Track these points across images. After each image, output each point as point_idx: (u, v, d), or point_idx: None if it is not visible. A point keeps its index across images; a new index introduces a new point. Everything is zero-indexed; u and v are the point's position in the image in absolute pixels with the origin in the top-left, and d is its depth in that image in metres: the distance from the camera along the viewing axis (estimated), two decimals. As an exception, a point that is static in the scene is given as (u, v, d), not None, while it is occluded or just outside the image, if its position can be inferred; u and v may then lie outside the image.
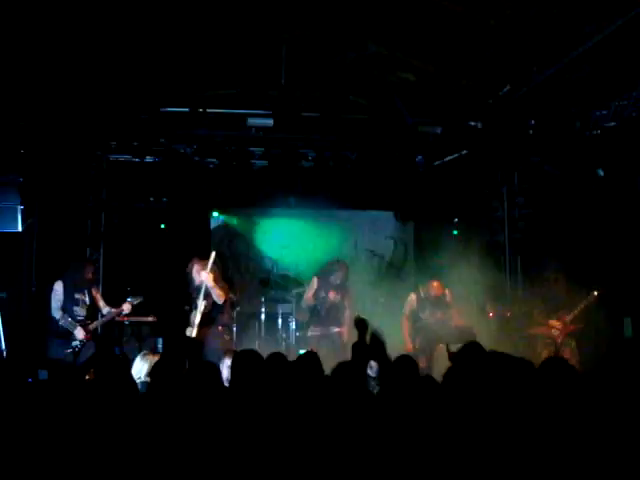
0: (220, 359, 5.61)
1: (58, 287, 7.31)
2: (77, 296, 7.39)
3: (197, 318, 7.11)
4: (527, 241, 9.51)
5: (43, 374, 5.68)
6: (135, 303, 7.58)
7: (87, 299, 7.46)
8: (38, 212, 8.11)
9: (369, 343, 5.08)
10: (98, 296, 7.65)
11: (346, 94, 7.68)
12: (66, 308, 7.29)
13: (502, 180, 9.96)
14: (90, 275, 7.58)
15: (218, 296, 7.18)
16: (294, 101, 7.71)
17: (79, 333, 7.25)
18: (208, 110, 7.89)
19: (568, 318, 7.86)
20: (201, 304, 7.12)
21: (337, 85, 7.62)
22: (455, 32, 6.70)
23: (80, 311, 7.38)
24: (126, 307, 7.51)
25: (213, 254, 7.21)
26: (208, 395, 3.86)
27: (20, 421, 3.55)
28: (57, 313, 7.25)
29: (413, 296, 8.13)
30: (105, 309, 7.59)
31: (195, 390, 3.89)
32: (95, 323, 7.48)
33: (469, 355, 4.65)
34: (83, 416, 3.54)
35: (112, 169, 9.28)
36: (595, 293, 7.74)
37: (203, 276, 7.05)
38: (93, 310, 7.54)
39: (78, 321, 7.31)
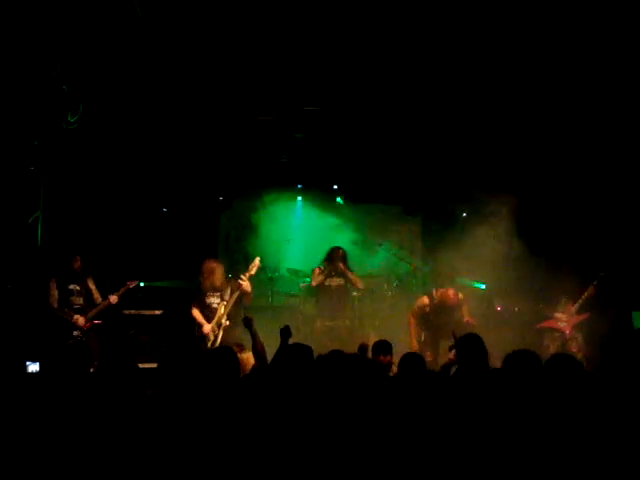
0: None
1: (52, 283, 7.47)
2: (71, 287, 7.53)
3: (218, 314, 7.33)
4: (535, 235, 9.48)
5: (34, 366, 5.70)
6: (131, 287, 7.72)
7: (82, 289, 7.58)
8: (43, 206, 8.14)
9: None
10: (93, 288, 7.73)
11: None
12: (62, 300, 7.44)
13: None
14: (78, 265, 7.62)
15: (250, 300, 7.50)
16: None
17: (79, 320, 7.39)
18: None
19: (574, 308, 7.93)
20: (222, 304, 7.37)
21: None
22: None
23: (76, 300, 7.53)
24: (112, 299, 7.60)
25: (257, 260, 7.40)
26: (226, 383, 3.86)
27: (24, 413, 3.57)
28: (53, 306, 7.41)
29: (425, 300, 7.93)
30: (98, 300, 7.67)
31: (212, 377, 3.90)
32: (93, 311, 7.55)
33: (467, 346, 4.67)
34: (87, 408, 3.55)
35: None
36: (596, 280, 7.82)
37: (243, 282, 7.26)
38: (90, 299, 7.65)
39: (75, 310, 7.45)
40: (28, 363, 5.96)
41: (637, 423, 3.31)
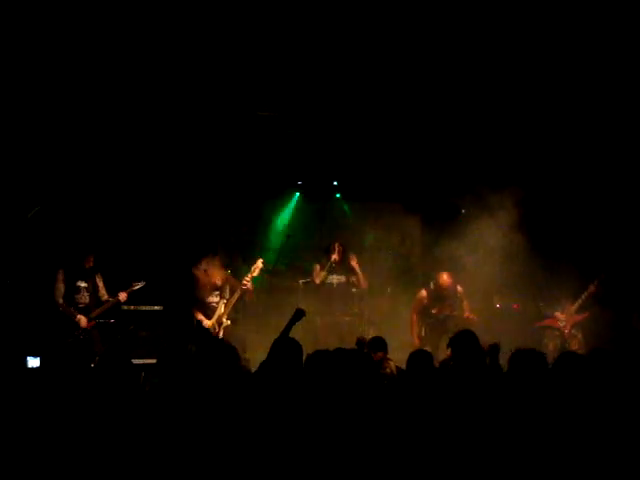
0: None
1: (59, 275, 7.37)
2: (79, 284, 7.45)
3: (218, 313, 7.41)
4: (535, 233, 9.48)
5: (34, 361, 5.69)
6: (135, 289, 7.68)
7: (90, 287, 7.50)
8: (44, 200, 8.13)
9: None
10: (101, 284, 7.67)
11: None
12: (68, 297, 7.35)
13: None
14: (90, 263, 7.56)
15: (252, 297, 7.74)
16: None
17: (81, 321, 7.32)
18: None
19: (573, 308, 7.94)
20: (221, 303, 7.49)
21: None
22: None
23: (82, 299, 7.45)
24: (122, 296, 7.56)
25: (259, 262, 7.58)
26: (227, 378, 3.87)
27: (21, 409, 3.56)
28: (58, 301, 7.32)
29: (424, 292, 8.01)
30: (105, 297, 7.62)
31: (212, 374, 3.90)
32: (97, 311, 7.50)
33: (462, 342, 4.70)
34: (86, 404, 3.55)
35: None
36: (596, 280, 7.83)
37: (246, 285, 7.46)
38: (97, 298, 7.57)
39: (80, 309, 7.38)
40: (29, 358, 5.96)
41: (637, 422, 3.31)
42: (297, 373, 3.94)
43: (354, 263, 8.32)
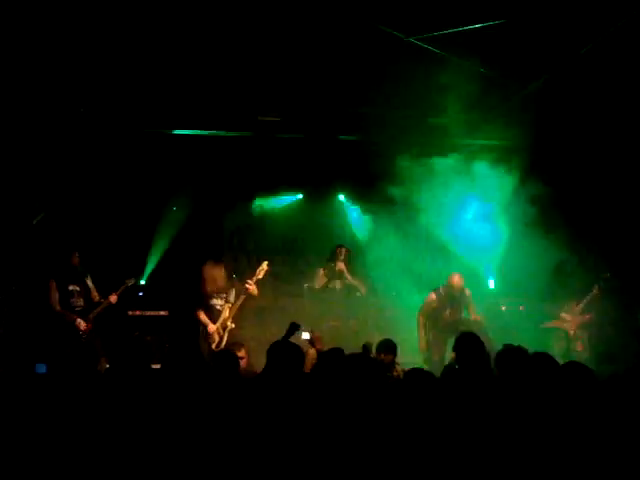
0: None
1: (52, 284, 7.47)
2: (71, 288, 7.54)
3: (223, 317, 7.38)
4: (540, 234, 9.47)
5: (41, 368, 5.73)
6: (129, 285, 7.75)
7: (82, 290, 7.59)
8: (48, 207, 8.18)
9: None
10: (92, 286, 7.75)
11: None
12: (63, 302, 7.45)
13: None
14: (77, 260, 7.61)
15: (256, 302, 7.65)
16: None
17: (80, 325, 7.40)
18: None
19: (578, 308, 7.94)
20: (226, 306, 7.43)
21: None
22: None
23: (77, 302, 7.54)
24: (112, 299, 7.62)
25: (264, 265, 7.47)
26: (226, 384, 3.89)
27: (28, 415, 3.58)
28: (56, 308, 7.42)
29: (433, 296, 7.96)
30: (97, 298, 7.69)
31: (213, 379, 3.92)
32: (94, 312, 7.58)
33: (465, 345, 4.71)
34: (93, 409, 3.56)
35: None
36: (601, 281, 7.84)
37: (250, 287, 7.36)
38: (90, 300, 7.66)
39: (77, 312, 7.47)
40: (37, 365, 5.98)
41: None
42: (299, 376, 3.94)
43: (345, 271, 8.29)
